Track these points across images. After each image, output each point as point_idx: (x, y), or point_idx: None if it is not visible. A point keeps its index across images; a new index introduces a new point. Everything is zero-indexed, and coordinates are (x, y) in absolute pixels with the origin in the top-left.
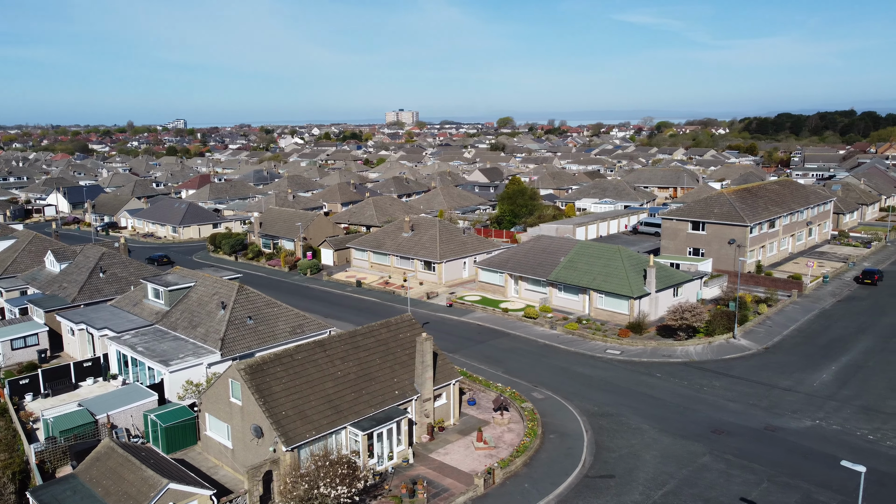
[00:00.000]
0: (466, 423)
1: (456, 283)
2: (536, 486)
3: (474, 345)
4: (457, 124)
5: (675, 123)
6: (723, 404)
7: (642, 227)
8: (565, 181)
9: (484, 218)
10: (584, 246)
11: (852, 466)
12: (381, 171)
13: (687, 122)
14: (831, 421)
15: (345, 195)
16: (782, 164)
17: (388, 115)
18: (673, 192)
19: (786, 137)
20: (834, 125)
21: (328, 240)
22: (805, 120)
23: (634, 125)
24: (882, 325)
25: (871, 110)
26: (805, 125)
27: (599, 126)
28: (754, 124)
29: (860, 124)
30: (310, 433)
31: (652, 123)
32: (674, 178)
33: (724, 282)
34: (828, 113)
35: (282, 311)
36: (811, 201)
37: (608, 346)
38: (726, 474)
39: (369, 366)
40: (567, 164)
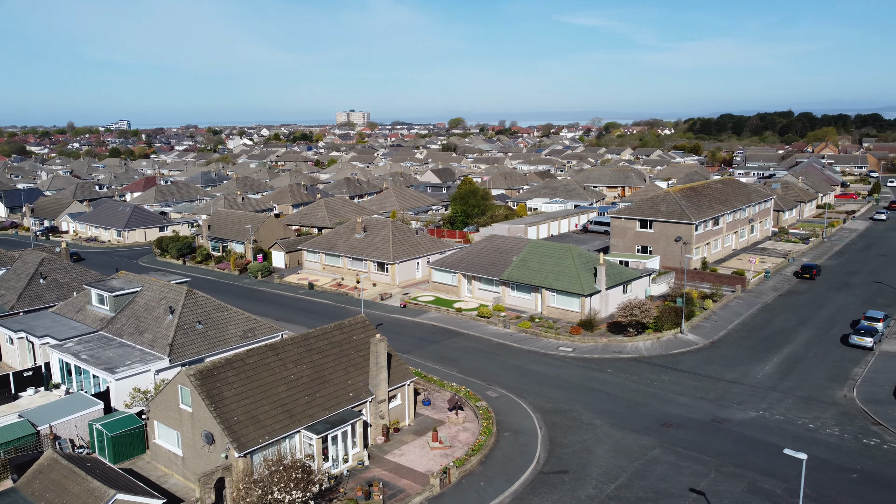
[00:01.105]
0: (422, 424)
1: (409, 284)
2: (492, 483)
3: (429, 345)
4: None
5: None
6: (672, 398)
7: (592, 225)
8: (516, 181)
9: (437, 218)
10: (536, 245)
11: (794, 454)
12: (333, 172)
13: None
14: (774, 411)
15: (296, 197)
16: (725, 164)
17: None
18: (621, 192)
19: (728, 137)
20: (773, 126)
21: (279, 242)
22: (746, 120)
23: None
24: (820, 318)
25: (808, 111)
26: (746, 126)
27: (549, 127)
28: (698, 125)
29: (797, 125)
30: (263, 438)
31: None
32: (622, 178)
33: (672, 278)
34: (767, 114)
35: (232, 314)
36: (753, 199)
37: (561, 343)
38: (676, 466)
39: (323, 368)
40: (518, 165)
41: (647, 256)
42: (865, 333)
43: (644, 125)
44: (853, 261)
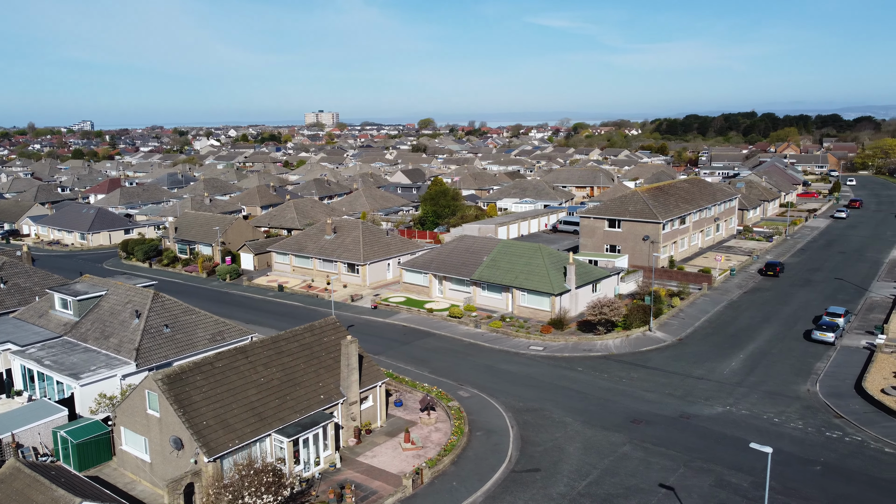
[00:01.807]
0: (394, 425)
1: (380, 285)
2: (464, 483)
3: (400, 346)
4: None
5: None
6: (641, 395)
7: (561, 225)
8: (486, 181)
9: (407, 219)
10: (506, 245)
11: (760, 448)
12: (302, 173)
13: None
14: (740, 406)
15: (264, 198)
16: (691, 164)
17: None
18: (590, 192)
19: (693, 138)
20: (737, 126)
21: (248, 244)
22: (711, 121)
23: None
24: (784, 314)
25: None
26: (711, 126)
27: (518, 127)
28: (664, 125)
29: (760, 125)
30: (232, 442)
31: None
32: (590, 178)
33: (640, 277)
34: (731, 114)
35: (200, 318)
36: (718, 198)
37: (531, 342)
38: (645, 462)
39: (293, 371)
40: (488, 165)
41: (616, 255)
42: (827, 329)
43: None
44: (815, 258)
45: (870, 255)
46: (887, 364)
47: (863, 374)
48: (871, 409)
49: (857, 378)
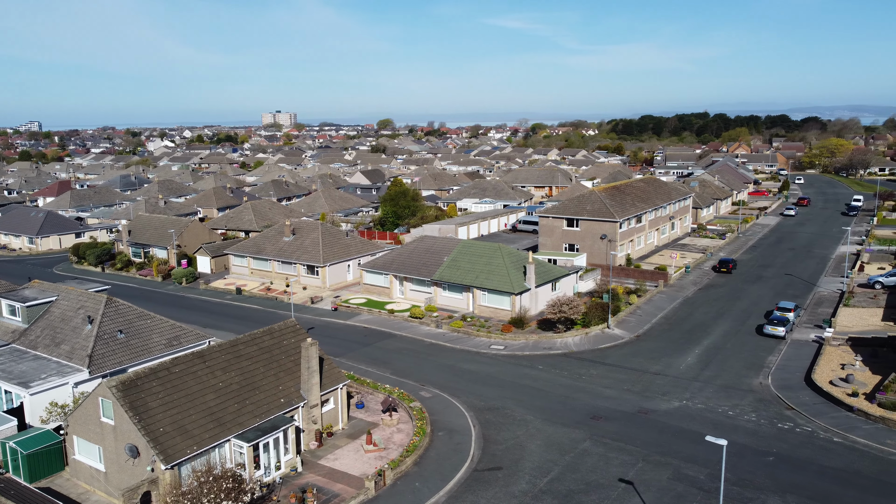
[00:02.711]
0: (355, 427)
1: (340, 287)
2: (427, 483)
3: (361, 347)
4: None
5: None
6: (600, 391)
7: (521, 225)
8: (446, 182)
9: (367, 220)
10: (467, 245)
11: (715, 441)
12: (259, 174)
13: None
14: (696, 400)
15: (221, 200)
16: (646, 163)
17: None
18: (548, 191)
19: (649, 138)
20: (690, 126)
21: (204, 247)
22: (665, 121)
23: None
24: (737, 310)
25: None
26: (665, 126)
27: (477, 128)
28: (620, 126)
29: (713, 125)
30: (191, 448)
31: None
32: (549, 178)
33: (598, 275)
34: (685, 115)
35: (156, 322)
36: (673, 197)
37: (492, 341)
38: (605, 458)
39: (253, 375)
40: (447, 166)
41: (575, 254)
42: (778, 323)
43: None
44: (766, 255)
45: (817, 252)
46: (835, 356)
47: (812, 367)
48: (821, 401)
49: (806, 370)
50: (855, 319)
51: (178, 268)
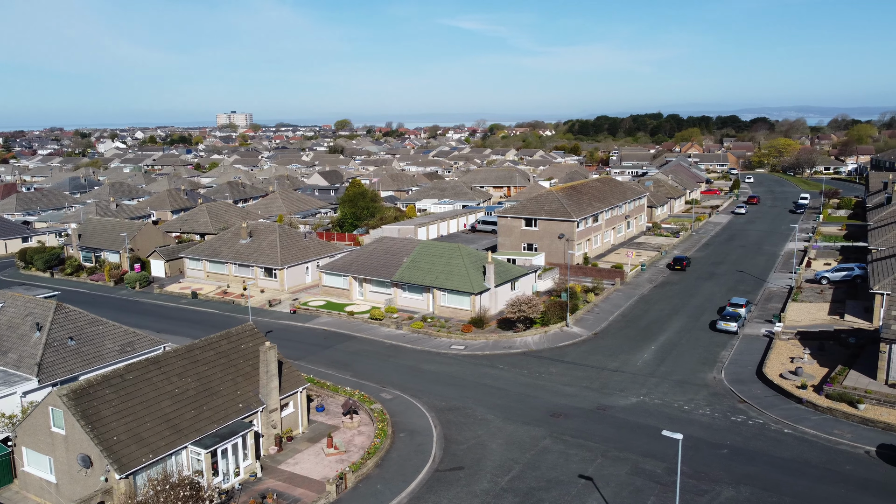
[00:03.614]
0: (316, 431)
1: (299, 289)
2: (389, 485)
3: (321, 350)
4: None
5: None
6: (559, 389)
7: (480, 225)
8: (405, 183)
9: (325, 221)
10: (426, 246)
11: (671, 435)
12: (215, 175)
13: (517, 125)
14: (653, 396)
15: (175, 202)
16: (602, 163)
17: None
18: (507, 191)
19: (604, 138)
20: (645, 127)
21: (158, 250)
22: (620, 122)
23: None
24: (691, 306)
25: (675, 113)
26: (620, 127)
27: (436, 128)
28: (577, 126)
29: (666, 126)
30: (146, 457)
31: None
32: (507, 178)
33: (556, 274)
34: (639, 116)
35: (108, 328)
36: (628, 196)
37: (453, 341)
38: (565, 454)
39: (210, 380)
40: (406, 166)
41: (533, 253)
42: (730, 319)
43: (526, 126)
44: (718, 252)
45: (767, 248)
46: (784, 350)
47: (763, 361)
48: (771, 393)
49: (758, 364)
50: (803, 314)
51: (131, 272)
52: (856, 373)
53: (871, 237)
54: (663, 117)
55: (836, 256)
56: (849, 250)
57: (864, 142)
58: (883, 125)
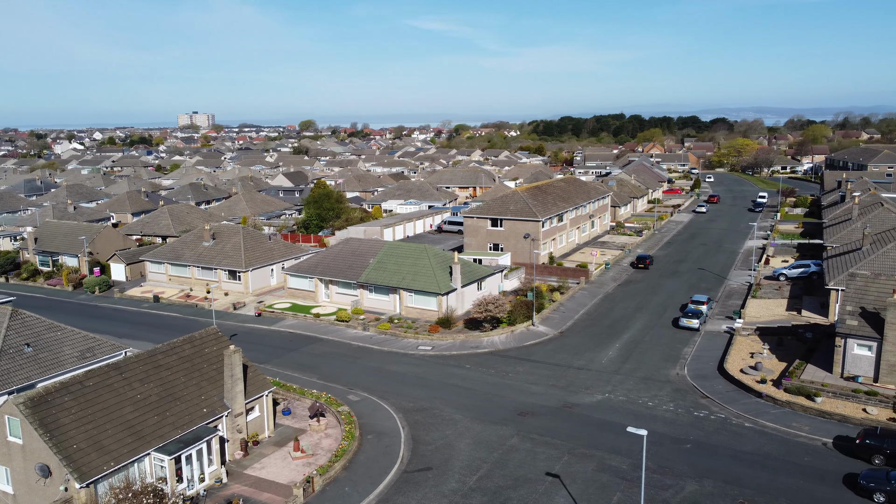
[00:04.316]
0: (282, 434)
1: (264, 292)
2: (357, 487)
3: (287, 353)
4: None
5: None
6: (526, 388)
7: (446, 225)
8: (371, 183)
9: (290, 223)
10: (392, 246)
11: (636, 431)
12: (176, 177)
13: (482, 125)
14: (618, 393)
15: (135, 204)
16: (567, 163)
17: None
18: (473, 192)
19: (568, 138)
20: (608, 127)
21: (118, 253)
22: (584, 122)
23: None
24: (654, 304)
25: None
26: (584, 127)
27: (401, 129)
28: (541, 127)
29: (629, 126)
30: (108, 465)
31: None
32: (473, 178)
33: (522, 273)
34: (602, 116)
35: (67, 334)
36: (592, 196)
37: (420, 342)
38: (532, 452)
39: (173, 385)
40: (372, 167)
41: (499, 253)
42: (693, 316)
43: (491, 127)
44: (680, 250)
45: (727, 246)
46: (745, 346)
47: (724, 357)
48: (732, 388)
49: (719, 360)
50: (762, 310)
51: (90, 276)
52: (813, 367)
53: (826, 234)
54: (626, 118)
55: (794, 254)
56: (805, 247)
57: (818, 142)
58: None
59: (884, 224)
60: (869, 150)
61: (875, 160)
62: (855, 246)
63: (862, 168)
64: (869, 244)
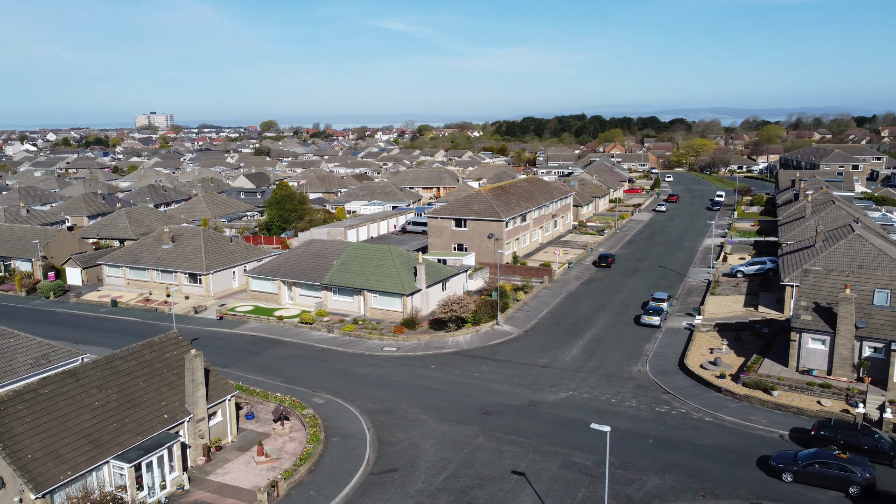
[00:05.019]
0: (246, 439)
1: (226, 295)
2: (322, 491)
3: (249, 356)
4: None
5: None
6: (491, 387)
7: (410, 226)
8: (334, 184)
9: (252, 224)
10: (356, 248)
11: (599, 428)
12: (134, 179)
13: (446, 126)
14: (582, 390)
15: (92, 207)
16: (529, 163)
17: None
18: (436, 192)
19: (531, 139)
20: (569, 127)
21: (74, 257)
22: (546, 123)
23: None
24: (617, 302)
25: (598, 114)
26: (546, 128)
27: (364, 129)
28: (504, 127)
29: (590, 126)
30: (64, 474)
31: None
32: (436, 179)
33: (487, 273)
34: (564, 117)
35: (20, 341)
36: (555, 196)
37: (385, 343)
38: (498, 451)
39: (133, 391)
40: (335, 168)
41: (463, 253)
42: (654, 313)
43: (455, 127)
44: (641, 249)
45: (686, 244)
46: (704, 342)
47: (685, 353)
48: (693, 384)
49: (680, 356)
50: (721, 306)
51: (44, 281)
52: (769, 361)
53: (781, 232)
54: (587, 118)
55: (750, 251)
56: (761, 245)
57: (773, 142)
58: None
59: (835, 221)
60: (821, 150)
61: (827, 159)
62: (808, 243)
63: (814, 167)
64: (821, 241)
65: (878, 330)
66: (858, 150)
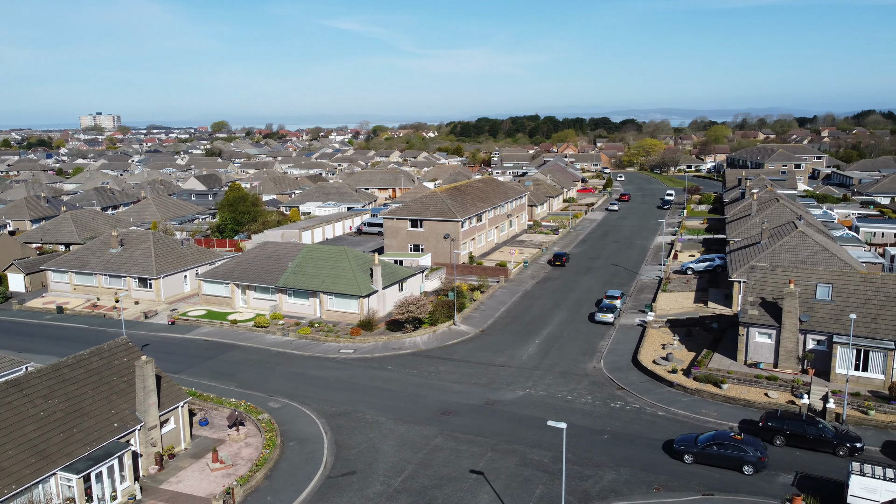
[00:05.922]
0: (200, 445)
1: (177, 299)
2: (279, 496)
3: (202, 362)
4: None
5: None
6: (449, 387)
7: (366, 227)
8: (288, 186)
9: (204, 227)
10: (311, 249)
11: (556, 425)
12: (80, 181)
13: (401, 126)
14: (538, 388)
15: (35, 211)
16: (484, 164)
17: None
18: (392, 193)
19: (486, 139)
20: (523, 128)
21: (16, 263)
22: (500, 124)
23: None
24: (571, 300)
25: (552, 115)
26: (500, 128)
27: (318, 130)
28: (459, 128)
29: (543, 127)
30: (8, 488)
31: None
32: (392, 180)
33: (443, 274)
34: (518, 117)
35: None
36: (510, 196)
37: (342, 345)
38: (456, 451)
39: (81, 400)
40: (288, 169)
41: (420, 254)
42: (607, 310)
43: (410, 128)
44: (594, 247)
45: (638, 243)
46: (656, 338)
47: (638, 349)
48: (646, 379)
49: (633, 352)
50: (672, 303)
51: None
52: (719, 355)
53: (728, 230)
54: (540, 119)
55: (700, 248)
56: (710, 242)
57: (720, 141)
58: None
59: (780, 219)
60: (765, 150)
61: (771, 158)
62: (755, 240)
63: (759, 166)
64: (767, 238)
65: (821, 323)
66: (801, 150)
